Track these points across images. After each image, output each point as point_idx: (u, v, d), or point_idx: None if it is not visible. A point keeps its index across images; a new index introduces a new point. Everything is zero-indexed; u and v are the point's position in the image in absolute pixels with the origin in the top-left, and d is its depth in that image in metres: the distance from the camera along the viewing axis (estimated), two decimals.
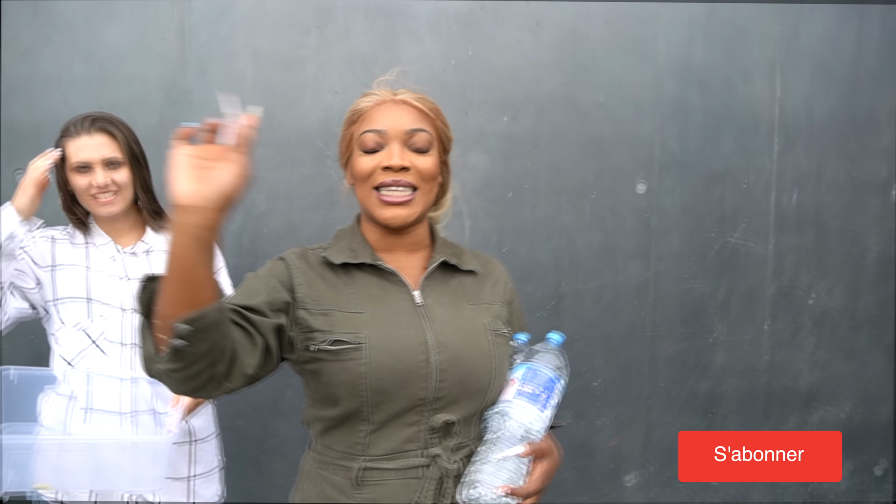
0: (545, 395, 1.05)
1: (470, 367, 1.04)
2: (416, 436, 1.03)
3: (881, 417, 2.64)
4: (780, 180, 2.49)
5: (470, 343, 1.06)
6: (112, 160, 1.53)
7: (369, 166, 1.07)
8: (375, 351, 1.01)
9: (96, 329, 1.53)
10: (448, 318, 1.08)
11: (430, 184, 1.10)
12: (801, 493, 2.64)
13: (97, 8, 2.21)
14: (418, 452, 1.03)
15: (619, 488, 2.53)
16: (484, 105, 2.34)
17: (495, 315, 1.13)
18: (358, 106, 1.12)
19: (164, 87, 2.24)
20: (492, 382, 1.06)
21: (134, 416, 1.53)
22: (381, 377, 1.00)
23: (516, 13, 2.33)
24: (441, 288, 1.12)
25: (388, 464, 1.03)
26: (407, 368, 1.01)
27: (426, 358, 1.02)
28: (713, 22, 2.41)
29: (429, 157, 1.09)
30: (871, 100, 2.51)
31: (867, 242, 2.56)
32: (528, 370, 1.06)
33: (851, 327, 2.58)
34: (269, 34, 2.26)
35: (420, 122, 1.09)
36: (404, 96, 1.11)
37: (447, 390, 1.03)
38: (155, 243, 1.63)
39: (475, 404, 1.06)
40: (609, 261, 2.43)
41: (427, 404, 1.02)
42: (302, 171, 2.30)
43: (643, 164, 2.42)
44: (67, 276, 1.55)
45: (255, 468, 2.38)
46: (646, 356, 2.49)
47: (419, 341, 1.03)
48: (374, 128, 1.08)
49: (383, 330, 1.04)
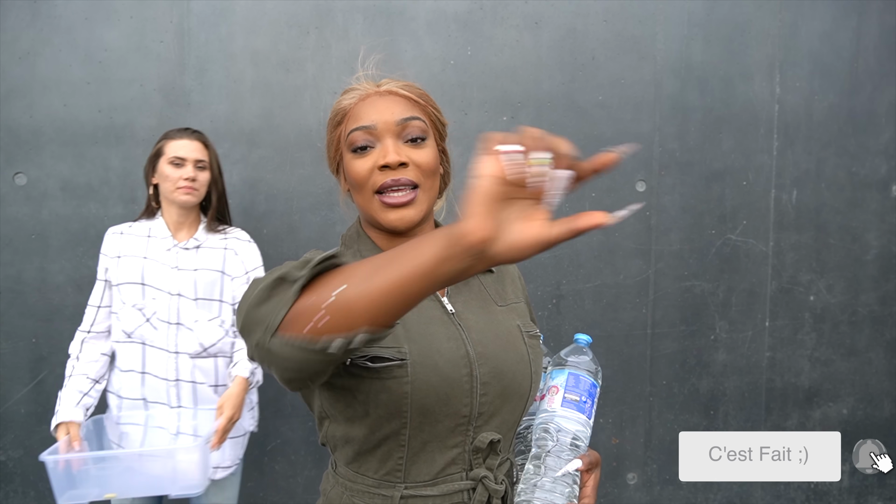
0: (589, 403, 0.99)
1: (511, 375, 0.96)
2: (460, 457, 0.94)
3: (883, 414, 2.64)
4: (780, 178, 2.49)
5: (509, 350, 0.98)
6: (201, 162, 1.84)
7: (364, 169, 0.96)
8: (420, 368, 0.90)
9: (149, 309, 1.80)
10: (482, 326, 0.99)
11: (432, 178, 0.99)
12: (803, 492, 2.64)
13: (96, 10, 2.21)
14: (461, 475, 0.94)
15: (621, 487, 2.53)
16: (483, 105, 2.34)
17: (523, 314, 1.06)
18: (340, 105, 1.02)
19: (163, 88, 2.24)
20: (532, 388, 0.98)
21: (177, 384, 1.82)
22: (426, 396, 0.91)
23: (515, 13, 2.33)
24: (464, 292, 1.02)
25: (430, 490, 0.93)
26: (451, 385, 0.92)
27: (469, 372, 0.93)
28: (712, 20, 2.41)
29: (426, 149, 0.98)
30: (870, 97, 2.51)
31: (867, 239, 2.56)
32: (571, 376, 1.00)
33: (852, 324, 2.58)
34: (268, 35, 2.26)
35: (411, 110, 0.99)
36: (389, 86, 1.01)
37: (489, 404, 0.94)
38: (205, 241, 1.88)
39: (515, 414, 0.98)
40: (609, 260, 2.43)
41: (471, 421, 0.94)
42: (301, 171, 2.30)
43: (643, 163, 2.42)
44: (128, 264, 1.83)
45: (256, 469, 2.38)
46: (646, 355, 2.49)
47: (461, 354, 0.94)
48: (361, 124, 0.97)
49: (424, 343, 0.93)
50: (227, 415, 1.72)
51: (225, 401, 1.75)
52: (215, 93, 2.26)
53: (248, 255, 1.90)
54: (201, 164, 1.84)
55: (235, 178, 2.28)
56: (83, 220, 2.22)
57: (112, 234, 1.88)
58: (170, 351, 1.80)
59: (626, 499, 2.54)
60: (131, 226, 1.89)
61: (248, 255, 1.90)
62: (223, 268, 1.86)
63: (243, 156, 2.28)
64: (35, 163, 2.19)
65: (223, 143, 2.27)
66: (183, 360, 1.81)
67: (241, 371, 1.78)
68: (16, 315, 2.20)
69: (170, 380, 1.80)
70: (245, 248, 1.91)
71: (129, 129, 2.24)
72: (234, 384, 1.77)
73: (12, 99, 2.19)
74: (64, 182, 2.21)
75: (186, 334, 1.81)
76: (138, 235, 1.87)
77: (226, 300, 1.87)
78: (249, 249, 1.91)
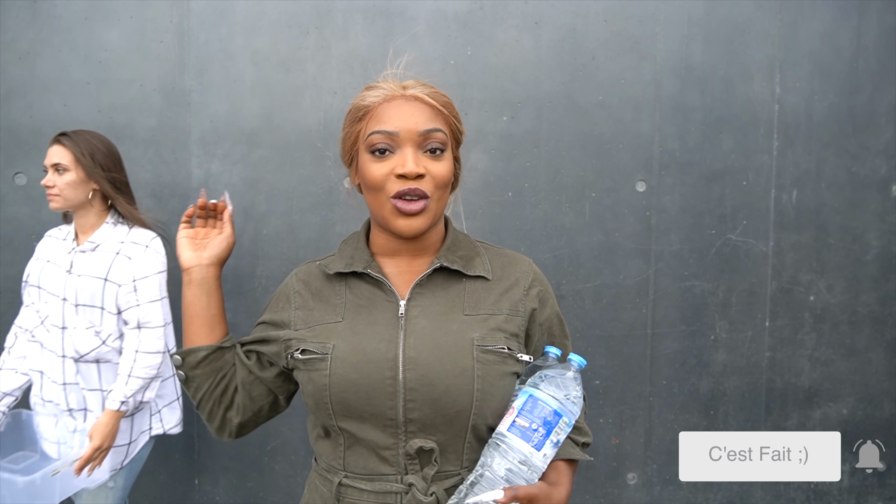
0: (543, 431, 0.91)
1: (445, 387, 0.94)
2: (394, 459, 0.96)
3: (883, 414, 2.64)
4: (780, 178, 2.49)
5: (446, 360, 0.95)
6: (58, 165, 1.81)
7: (381, 173, 0.97)
8: (339, 363, 0.96)
9: (43, 312, 1.84)
10: (428, 332, 0.98)
11: (444, 189, 1.00)
12: (803, 492, 2.64)
13: (96, 10, 2.21)
14: (396, 478, 0.96)
15: (620, 487, 2.53)
16: (483, 105, 2.34)
17: (494, 327, 1.00)
18: (364, 101, 1.00)
19: (163, 88, 2.24)
20: (475, 405, 0.94)
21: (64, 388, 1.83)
22: (345, 390, 0.95)
23: (515, 13, 2.33)
24: (438, 296, 1.02)
25: (365, 484, 0.98)
26: (371, 384, 0.94)
27: (393, 375, 0.94)
28: (712, 20, 2.41)
29: (444, 162, 0.99)
30: (870, 97, 2.51)
31: (867, 239, 2.56)
32: (529, 399, 0.93)
33: (852, 324, 2.58)
34: (268, 35, 2.26)
35: (434, 121, 0.98)
36: (416, 91, 1.00)
37: (419, 411, 0.94)
38: (103, 243, 1.84)
39: (457, 429, 0.96)
40: (609, 260, 2.43)
41: (399, 426, 0.95)
42: (301, 171, 2.30)
43: (643, 163, 2.42)
44: (34, 266, 1.89)
45: (256, 470, 2.38)
46: (646, 355, 2.49)
47: (389, 356, 0.95)
48: (383, 128, 0.97)
49: (353, 340, 0.98)
50: (94, 444, 1.71)
51: (94, 430, 1.73)
52: (215, 93, 2.26)
53: (140, 262, 1.81)
54: (60, 168, 1.79)
55: (235, 178, 2.28)
56: None
57: (44, 236, 1.95)
58: (58, 354, 1.81)
59: (626, 499, 2.54)
60: (60, 229, 1.94)
61: (140, 262, 1.81)
62: (107, 275, 1.79)
63: (243, 156, 2.28)
64: (35, 163, 2.19)
65: (223, 143, 2.27)
66: (69, 365, 1.81)
67: (111, 403, 1.74)
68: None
69: (58, 383, 1.81)
70: (139, 254, 1.82)
71: (129, 129, 2.24)
72: (104, 414, 1.75)
73: (12, 99, 2.19)
74: None
75: (69, 339, 1.80)
76: (57, 238, 1.91)
77: (107, 308, 1.79)
78: (144, 255, 1.82)
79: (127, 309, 1.81)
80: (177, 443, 2.31)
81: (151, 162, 2.26)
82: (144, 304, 1.80)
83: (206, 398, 1.10)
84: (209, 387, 1.09)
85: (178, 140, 2.26)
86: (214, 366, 1.08)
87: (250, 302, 2.31)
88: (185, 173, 2.27)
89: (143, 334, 1.80)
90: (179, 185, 2.27)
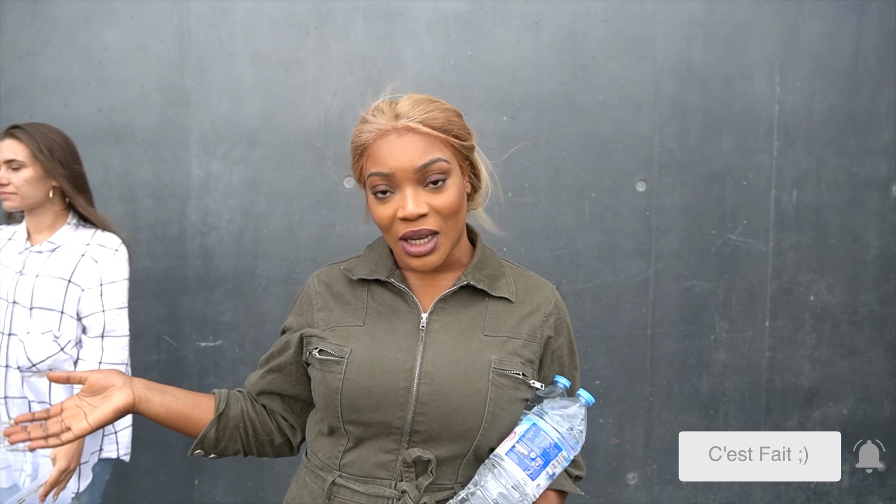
0: (540, 462, 0.91)
1: (457, 404, 0.94)
2: (391, 465, 0.97)
3: (883, 414, 2.64)
4: (780, 178, 2.49)
5: (462, 379, 0.95)
6: (13, 162, 1.67)
7: (386, 215, 0.96)
8: (354, 368, 0.96)
9: None
10: (448, 348, 0.98)
11: (454, 218, 0.98)
12: (803, 492, 2.64)
13: (96, 10, 2.21)
14: (390, 483, 0.97)
15: (620, 487, 2.53)
16: (483, 105, 2.34)
17: (512, 351, 1.00)
18: (360, 137, 0.98)
19: (162, 88, 2.24)
20: (483, 427, 0.95)
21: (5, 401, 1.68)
22: (356, 395, 0.96)
23: (515, 13, 2.33)
24: (460, 313, 1.02)
25: (358, 486, 0.98)
26: (384, 393, 0.95)
27: (407, 386, 0.95)
28: (712, 20, 2.41)
29: (447, 190, 0.96)
30: (870, 97, 2.51)
31: (867, 239, 2.56)
32: (532, 428, 0.93)
33: (852, 324, 2.58)
34: (268, 35, 2.26)
35: (431, 152, 0.95)
36: (408, 120, 0.95)
37: (426, 424, 0.95)
38: (64, 243, 1.72)
39: (461, 446, 0.96)
40: (609, 260, 2.43)
41: (403, 434, 0.96)
42: (301, 171, 2.30)
43: (643, 163, 2.42)
44: None
45: (256, 470, 2.38)
46: (646, 355, 2.49)
47: (405, 367, 0.96)
48: (379, 170, 0.95)
49: (371, 347, 0.98)
50: (60, 466, 1.58)
51: (58, 451, 1.58)
52: (215, 93, 2.26)
53: (108, 266, 1.71)
54: (15, 164, 1.66)
55: (235, 178, 2.28)
56: None
57: None
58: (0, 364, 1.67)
59: (626, 499, 2.54)
60: (2, 228, 1.81)
61: (108, 266, 1.71)
62: (71, 276, 1.67)
63: (243, 156, 2.28)
64: None
65: (223, 143, 2.27)
66: (12, 375, 1.66)
67: None
68: None
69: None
70: (107, 257, 1.71)
71: (129, 129, 2.24)
72: None
73: (12, 99, 2.19)
74: None
75: (16, 346, 1.65)
76: (6, 238, 1.78)
77: (68, 312, 1.67)
78: (113, 260, 1.72)
79: (90, 315, 1.69)
80: (177, 443, 2.32)
81: (151, 162, 2.26)
82: (110, 310, 1.70)
83: (249, 450, 1.12)
84: (243, 443, 1.10)
85: (178, 140, 2.26)
86: (230, 428, 1.08)
87: (250, 302, 2.31)
88: (185, 173, 2.27)
89: (106, 343, 1.69)
90: (179, 185, 2.27)
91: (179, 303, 2.27)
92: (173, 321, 2.29)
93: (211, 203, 2.28)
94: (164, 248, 2.28)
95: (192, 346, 2.30)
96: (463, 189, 1.01)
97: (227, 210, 2.29)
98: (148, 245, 2.26)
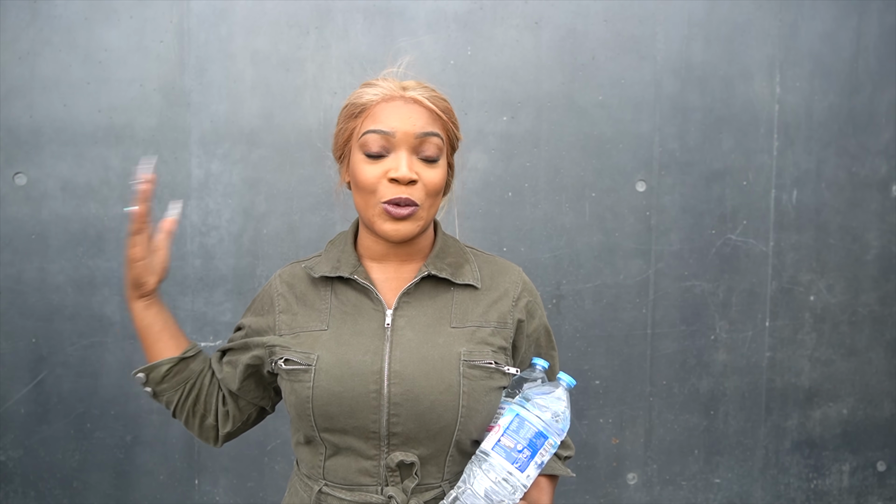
0: (528, 453, 0.89)
1: (430, 403, 0.93)
2: (374, 470, 0.95)
3: (883, 414, 2.64)
4: (780, 178, 2.49)
5: (432, 375, 0.93)
6: None
7: (373, 176, 0.95)
8: (323, 375, 0.94)
9: None
10: (415, 345, 0.95)
11: (435, 197, 0.98)
12: (803, 492, 2.64)
13: (96, 9, 2.20)
14: (376, 489, 0.95)
15: (620, 487, 2.53)
16: (483, 105, 2.34)
17: (481, 340, 0.98)
18: (361, 98, 0.98)
19: (162, 88, 2.24)
20: (459, 422, 0.94)
21: None
22: (328, 403, 0.93)
23: (515, 13, 2.33)
24: (425, 305, 1.00)
25: (344, 494, 0.96)
26: (355, 398, 0.93)
27: (378, 389, 0.93)
28: (712, 20, 2.41)
29: (437, 169, 0.97)
30: (870, 97, 2.51)
31: (867, 239, 2.56)
32: (516, 419, 0.91)
33: (852, 324, 2.58)
34: (268, 35, 2.26)
35: (432, 125, 0.96)
36: (415, 93, 0.97)
37: (403, 426, 0.93)
38: None
39: (441, 443, 0.95)
40: (609, 260, 2.43)
41: (381, 439, 0.94)
42: (301, 171, 2.30)
43: (643, 163, 2.42)
44: None
45: (256, 470, 2.38)
46: (646, 355, 2.49)
47: (374, 369, 0.93)
48: (379, 128, 0.94)
49: (338, 352, 0.95)
50: None
51: None
52: (215, 93, 2.26)
53: None
54: None
55: (235, 178, 2.28)
56: (83, 220, 2.22)
57: None
58: None
59: (626, 499, 2.54)
60: None
61: None
62: None
63: (243, 156, 2.28)
64: (35, 163, 2.19)
65: (223, 143, 2.27)
66: None
67: None
68: (15, 315, 2.20)
69: None
70: None
71: (129, 129, 2.24)
72: None
73: (12, 99, 2.19)
74: (64, 182, 2.21)
75: None
76: None
77: None
78: None
79: None
80: (176, 442, 2.32)
81: None
82: None
83: (179, 409, 1.10)
84: (180, 398, 1.08)
85: (178, 140, 2.26)
86: (180, 377, 1.07)
87: (250, 302, 2.31)
88: (185, 173, 2.27)
89: None
90: (179, 185, 2.27)
91: (179, 303, 2.27)
92: None
93: (211, 203, 2.28)
94: None
95: None
96: (446, 175, 1.02)
97: (227, 210, 2.29)
98: None
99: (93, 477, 2.26)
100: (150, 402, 2.26)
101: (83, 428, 2.24)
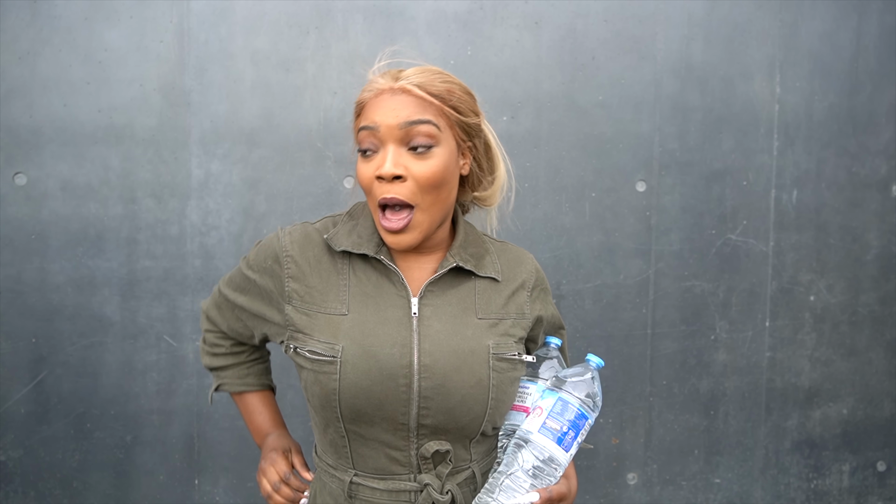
0: (571, 434, 0.93)
1: (460, 397, 0.92)
2: (406, 459, 0.94)
3: (883, 414, 2.64)
4: (780, 178, 2.49)
5: (463, 370, 0.92)
6: None
7: (366, 175, 0.93)
8: (349, 368, 0.91)
9: None
10: (444, 337, 0.93)
11: (434, 192, 0.92)
12: (803, 492, 2.64)
13: (96, 10, 2.20)
14: (409, 476, 0.95)
15: (620, 487, 2.53)
16: (483, 105, 2.32)
17: (504, 332, 0.98)
18: (360, 96, 0.99)
19: (162, 88, 2.24)
20: (487, 413, 0.94)
21: None
22: (355, 396, 0.91)
23: (515, 13, 2.33)
24: (449, 295, 0.97)
25: (377, 483, 0.95)
26: (385, 391, 0.91)
27: (408, 383, 0.91)
28: (712, 20, 2.41)
29: (431, 159, 0.91)
30: (870, 97, 2.51)
31: (867, 239, 2.56)
32: (559, 402, 0.93)
33: (852, 324, 2.58)
34: (268, 35, 2.26)
35: (420, 113, 0.91)
36: (405, 82, 0.94)
37: (432, 418, 0.92)
38: None
39: (469, 432, 0.95)
40: (609, 260, 2.43)
41: (410, 430, 0.93)
42: (301, 171, 2.30)
43: (643, 163, 2.42)
44: None
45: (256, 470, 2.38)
46: (646, 355, 2.49)
47: (403, 363, 0.91)
48: (365, 124, 0.93)
49: (364, 343, 0.92)
50: None
51: None
52: (215, 93, 2.26)
53: None
54: None
55: (235, 178, 2.28)
56: (83, 220, 2.22)
57: None
58: None
59: (626, 499, 2.54)
60: None
61: None
62: None
63: (243, 156, 2.28)
64: (35, 163, 2.19)
65: (223, 143, 2.27)
66: None
67: None
68: (15, 315, 2.20)
69: None
70: None
71: (129, 129, 2.24)
72: None
73: (12, 99, 2.19)
74: (64, 182, 2.21)
75: None
76: None
77: None
78: None
79: None
80: (176, 442, 2.32)
81: (151, 162, 2.26)
82: None
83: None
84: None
85: (178, 140, 2.26)
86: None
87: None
88: (185, 173, 2.27)
89: None
90: (179, 185, 2.27)
91: (179, 303, 2.27)
92: (173, 321, 2.28)
93: (211, 203, 2.28)
94: (164, 248, 2.28)
95: (192, 346, 2.30)
96: (453, 166, 0.95)
97: (227, 210, 2.29)
98: (148, 245, 2.26)
99: (93, 477, 2.26)
100: (150, 401, 2.27)
101: (83, 428, 2.24)
